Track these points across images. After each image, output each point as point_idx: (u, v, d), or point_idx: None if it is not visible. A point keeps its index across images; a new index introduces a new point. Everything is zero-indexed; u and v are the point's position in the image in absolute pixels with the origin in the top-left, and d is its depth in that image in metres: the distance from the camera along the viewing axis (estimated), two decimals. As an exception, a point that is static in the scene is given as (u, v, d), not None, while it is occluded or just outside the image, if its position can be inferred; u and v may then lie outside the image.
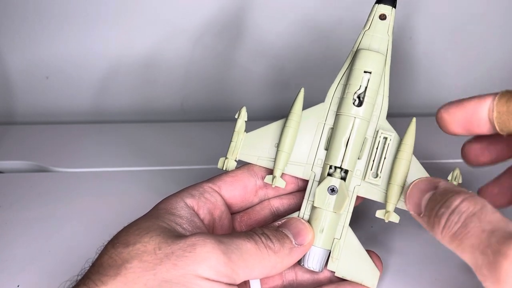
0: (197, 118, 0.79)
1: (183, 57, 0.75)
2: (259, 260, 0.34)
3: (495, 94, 0.34)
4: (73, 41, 0.74)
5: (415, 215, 0.35)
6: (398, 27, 0.70)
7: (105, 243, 0.34)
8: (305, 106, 0.41)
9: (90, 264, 0.34)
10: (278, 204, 0.43)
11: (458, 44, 0.76)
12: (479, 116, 0.34)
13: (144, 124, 0.75)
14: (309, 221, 0.39)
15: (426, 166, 0.38)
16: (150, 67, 0.76)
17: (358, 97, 0.39)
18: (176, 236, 0.33)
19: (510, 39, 0.76)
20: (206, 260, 0.32)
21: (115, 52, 0.75)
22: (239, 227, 0.43)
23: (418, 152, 0.39)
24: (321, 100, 0.41)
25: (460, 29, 0.75)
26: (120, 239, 0.34)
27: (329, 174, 0.39)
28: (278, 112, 0.76)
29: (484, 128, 0.35)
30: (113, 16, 0.73)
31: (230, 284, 0.33)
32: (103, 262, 0.32)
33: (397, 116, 0.40)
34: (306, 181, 0.41)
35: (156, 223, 0.35)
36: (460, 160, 0.43)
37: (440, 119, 0.38)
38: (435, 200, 0.33)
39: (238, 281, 0.34)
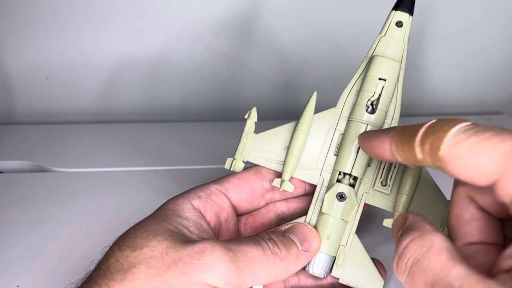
0: (197, 118, 0.79)
1: (184, 56, 0.75)
2: (265, 267, 0.34)
3: (391, 136, 0.31)
4: (73, 41, 0.74)
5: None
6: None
7: (110, 243, 0.34)
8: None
9: (95, 266, 0.33)
10: (284, 207, 0.43)
11: (455, 44, 0.77)
12: (387, 156, 0.31)
13: (144, 124, 0.75)
14: (315, 227, 0.39)
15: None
16: (150, 67, 0.76)
17: (372, 104, 0.39)
18: (184, 240, 0.33)
19: (507, 37, 0.77)
20: (214, 268, 0.31)
21: (115, 52, 0.75)
22: (243, 229, 0.42)
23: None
24: (327, 103, 0.41)
25: (462, 29, 0.76)
26: (127, 242, 0.33)
27: (338, 180, 0.39)
28: (280, 113, 0.76)
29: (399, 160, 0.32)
30: (114, 16, 0.72)
31: None
32: (109, 265, 0.32)
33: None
34: (314, 186, 0.41)
35: (163, 225, 0.34)
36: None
37: None
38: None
39: None
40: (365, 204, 0.40)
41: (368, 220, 0.49)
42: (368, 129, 0.38)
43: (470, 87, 0.80)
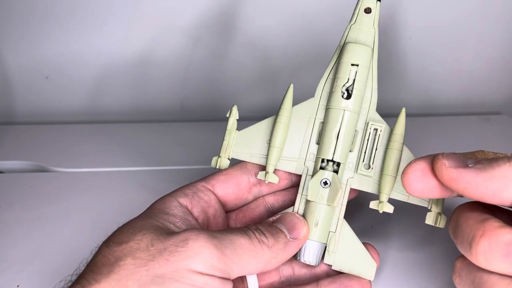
0: (196, 118, 0.79)
1: (183, 57, 0.75)
2: (253, 255, 0.34)
3: None
4: (72, 41, 0.74)
5: (455, 169, 0.29)
6: (397, 27, 0.70)
7: (100, 243, 0.35)
8: (299, 102, 0.41)
9: (85, 265, 0.34)
10: (273, 200, 0.43)
11: (455, 44, 0.76)
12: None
13: (144, 124, 0.75)
14: (303, 215, 0.39)
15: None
16: (150, 67, 0.76)
17: (347, 90, 0.39)
18: (169, 233, 0.33)
19: (507, 37, 0.76)
20: (198, 255, 0.32)
21: (115, 51, 0.75)
22: (234, 225, 0.43)
23: (413, 152, 0.39)
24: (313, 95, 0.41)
25: (457, 28, 0.75)
26: (114, 239, 0.34)
27: (321, 168, 0.39)
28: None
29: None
30: (112, 15, 0.73)
31: (224, 278, 0.33)
32: (97, 262, 0.33)
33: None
34: (300, 177, 0.41)
35: (149, 222, 0.35)
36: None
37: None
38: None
39: (233, 276, 0.33)
40: (353, 191, 0.40)
41: (368, 219, 0.49)
42: (345, 115, 0.39)
43: (470, 87, 0.79)
